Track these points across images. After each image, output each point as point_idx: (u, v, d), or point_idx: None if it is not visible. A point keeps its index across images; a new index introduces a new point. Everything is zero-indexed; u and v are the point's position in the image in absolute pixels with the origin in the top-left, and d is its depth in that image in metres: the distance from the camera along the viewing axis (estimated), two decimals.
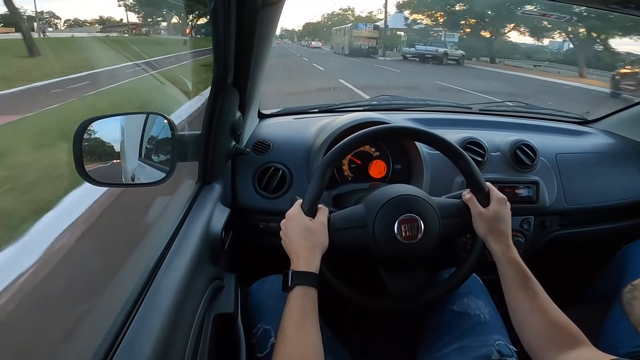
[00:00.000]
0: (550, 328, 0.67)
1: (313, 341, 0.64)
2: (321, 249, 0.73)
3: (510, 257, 0.74)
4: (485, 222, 0.77)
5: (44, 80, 3.14)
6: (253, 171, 1.06)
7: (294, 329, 0.64)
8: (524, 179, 1.15)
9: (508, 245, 0.75)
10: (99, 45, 6.14)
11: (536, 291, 0.70)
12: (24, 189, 1.28)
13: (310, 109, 1.37)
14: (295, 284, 0.68)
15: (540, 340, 0.67)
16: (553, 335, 0.66)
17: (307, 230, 0.73)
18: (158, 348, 0.47)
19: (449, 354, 0.77)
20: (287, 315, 0.66)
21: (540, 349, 0.67)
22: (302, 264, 0.70)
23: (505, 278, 0.74)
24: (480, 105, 1.48)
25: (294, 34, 49.22)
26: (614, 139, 1.37)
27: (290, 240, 0.74)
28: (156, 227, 0.88)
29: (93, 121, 0.67)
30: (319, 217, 0.75)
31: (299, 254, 0.72)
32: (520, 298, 0.71)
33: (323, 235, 0.74)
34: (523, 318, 0.70)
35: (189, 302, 0.61)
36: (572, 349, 0.63)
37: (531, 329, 0.68)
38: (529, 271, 0.72)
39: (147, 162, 0.76)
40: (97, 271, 0.83)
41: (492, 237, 0.76)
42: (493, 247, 0.76)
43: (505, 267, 0.74)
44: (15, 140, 1.74)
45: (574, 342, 0.64)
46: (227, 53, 0.72)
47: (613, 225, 1.25)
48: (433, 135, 0.81)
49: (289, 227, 0.75)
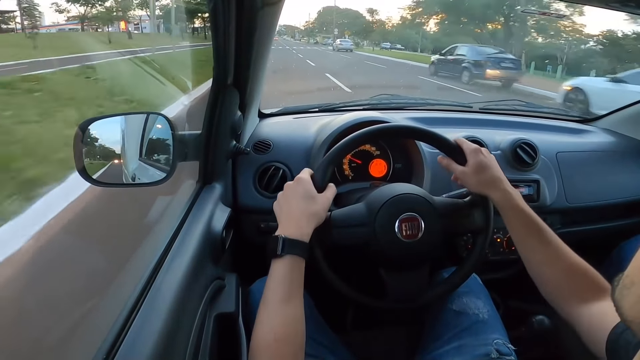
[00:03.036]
0: (567, 277, 0.64)
1: (298, 316, 0.61)
2: (316, 221, 0.69)
3: (513, 204, 0.72)
4: (472, 177, 0.76)
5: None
6: (253, 171, 1.06)
7: (279, 302, 0.60)
8: (525, 178, 1.15)
9: (507, 191, 0.73)
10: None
11: (547, 239, 0.68)
12: None
13: (311, 108, 1.37)
14: (286, 252, 0.63)
15: (558, 291, 0.65)
16: (571, 285, 0.63)
17: (309, 197, 0.69)
18: (159, 348, 0.47)
19: (448, 352, 0.77)
20: (273, 287, 0.62)
21: (561, 300, 0.64)
22: (295, 231, 0.65)
23: (512, 228, 0.72)
24: (480, 104, 1.48)
25: (294, 30, 45.07)
26: (615, 137, 1.37)
27: (287, 202, 0.69)
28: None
29: (93, 121, 0.67)
30: (326, 192, 0.72)
31: (294, 219, 0.67)
32: (531, 248, 0.69)
33: (323, 209, 0.70)
34: (537, 269, 0.68)
35: (190, 302, 0.61)
36: (595, 298, 0.60)
37: (547, 280, 0.66)
38: (537, 218, 0.70)
39: (148, 162, 0.76)
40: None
41: (487, 188, 0.75)
42: (493, 197, 0.74)
43: (510, 215, 0.72)
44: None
45: (596, 290, 0.61)
46: (227, 53, 0.72)
47: (614, 224, 1.25)
48: (430, 133, 0.81)
49: (291, 188, 0.71)
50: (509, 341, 0.77)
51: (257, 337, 0.59)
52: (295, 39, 41.48)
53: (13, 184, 1.36)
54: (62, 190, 1.29)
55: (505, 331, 0.80)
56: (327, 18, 45.57)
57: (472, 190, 0.79)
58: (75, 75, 3.61)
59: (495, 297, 0.89)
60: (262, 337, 0.59)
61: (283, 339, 0.58)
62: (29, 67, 3.17)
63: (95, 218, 1.14)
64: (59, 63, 3.73)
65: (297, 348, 0.60)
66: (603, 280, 0.63)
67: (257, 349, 0.58)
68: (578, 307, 0.61)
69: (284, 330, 0.59)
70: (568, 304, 0.63)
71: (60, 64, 3.72)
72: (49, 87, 3.02)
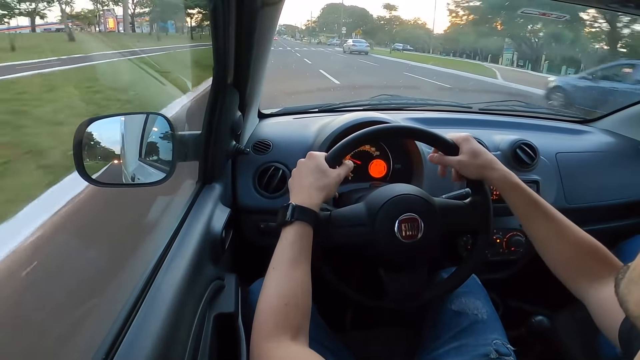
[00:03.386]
0: (576, 252, 0.64)
1: (305, 282, 0.62)
2: (326, 194, 0.71)
3: (512, 182, 0.73)
4: (469, 163, 0.77)
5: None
6: (253, 171, 1.06)
7: (288, 266, 0.61)
8: (525, 178, 1.14)
9: (504, 170, 0.74)
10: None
11: (550, 214, 0.68)
12: None
13: (310, 108, 1.37)
14: (296, 218, 0.65)
15: (568, 268, 0.65)
16: (580, 261, 0.63)
17: (321, 172, 0.72)
18: (158, 348, 0.47)
19: (447, 352, 0.77)
20: (282, 251, 0.63)
21: (571, 279, 0.64)
22: (304, 200, 0.68)
23: (515, 206, 0.73)
24: (480, 105, 1.48)
25: (294, 30, 42.26)
26: (614, 138, 1.37)
27: (300, 176, 0.72)
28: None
29: (93, 121, 0.67)
30: (339, 169, 0.75)
31: (305, 189, 0.70)
32: (535, 225, 0.69)
33: (334, 184, 0.73)
34: (543, 246, 0.68)
35: (190, 302, 0.61)
36: (606, 278, 0.60)
37: (556, 257, 0.66)
38: (537, 195, 0.71)
39: (147, 162, 0.76)
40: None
41: (484, 170, 0.76)
42: (493, 177, 0.75)
43: (511, 194, 0.73)
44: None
45: (607, 267, 0.61)
46: (227, 53, 0.72)
47: (614, 224, 1.25)
48: (428, 133, 0.81)
49: (305, 163, 0.74)
50: (508, 341, 0.77)
51: (265, 301, 0.59)
52: (296, 39, 39.10)
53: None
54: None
55: (505, 331, 0.80)
56: (332, 16, 43.38)
57: (471, 177, 0.79)
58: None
59: (494, 297, 0.89)
60: (271, 302, 0.58)
61: (292, 304, 0.58)
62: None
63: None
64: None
65: (305, 314, 0.59)
66: (615, 259, 0.62)
67: (266, 313, 0.58)
68: (589, 287, 0.60)
69: (294, 295, 0.59)
70: (578, 282, 0.62)
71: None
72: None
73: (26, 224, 1.04)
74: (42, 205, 1.19)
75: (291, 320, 0.57)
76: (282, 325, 0.56)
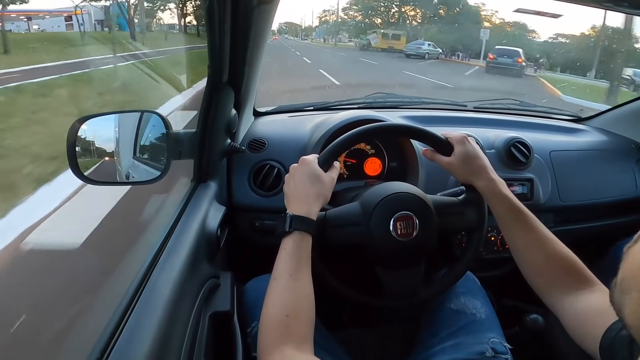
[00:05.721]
0: (549, 263, 0.65)
1: (308, 292, 0.62)
2: (323, 201, 0.72)
3: (496, 191, 0.73)
4: (458, 167, 0.77)
5: None
6: (248, 169, 1.05)
7: (289, 276, 0.61)
8: (519, 177, 1.15)
9: (491, 180, 0.74)
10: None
11: (530, 224, 0.69)
12: None
13: (306, 106, 1.37)
14: (294, 228, 0.65)
15: (541, 278, 0.66)
16: (553, 272, 0.64)
17: (316, 178, 0.71)
18: (154, 347, 0.47)
19: (443, 349, 0.77)
20: (283, 261, 0.63)
21: (544, 288, 0.65)
22: (303, 209, 0.68)
23: (497, 214, 0.73)
24: (475, 103, 1.48)
25: (297, 29, 34.46)
26: (608, 136, 1.38)
27: (295, 184, 0.72)
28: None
29: (87, 119, 0.66)
30: (331, 173, 0.75)
31: (301, 198, 0.70)
32: (515, 233, 0.70)
33: (329, 189, 0.73)
34: (520, 253, 0.69)
35: (185, 300, 0.61)
36: (580, 290, 0.61)
37: (530, 265, 0.67)
38: (521, 205, 0.72)
39: (142, 160, 0.76)
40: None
41: (471, 176, 0.76)
42: (478, 185, 0.75)
43: (494, 202, 0.73)
44: None
45: (581, 281, 0.62)
46: (222, 51, 0.72)
47: (607, 222, 1.26)
48: (421, 130, 0.81)
49: (298, 170, 0.73)
50: (505, 340, 0.78)
51: (268, 314, 0.59)
52: (302, 38, 30.69)
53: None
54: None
55: (502, 331, 0.81)
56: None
57: (459, 180, 0.80)
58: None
59: (489, 295, 0.89)
60: (274, 313, 0.59)
61: (294, 315, 0.58)
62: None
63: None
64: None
65: (308, 323, 0.60)
66: (590, 274, 0.63)
67: (268, 326, 0.58)
68: (561, 298, 0.62)
69: (295, 306, 0.59)
70: (550, 293, 0.64)
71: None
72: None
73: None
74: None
75: (294, 331, 0.57)
76: (285, 336, 0.56)
